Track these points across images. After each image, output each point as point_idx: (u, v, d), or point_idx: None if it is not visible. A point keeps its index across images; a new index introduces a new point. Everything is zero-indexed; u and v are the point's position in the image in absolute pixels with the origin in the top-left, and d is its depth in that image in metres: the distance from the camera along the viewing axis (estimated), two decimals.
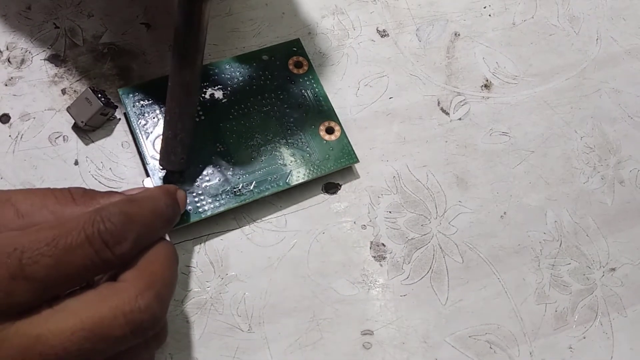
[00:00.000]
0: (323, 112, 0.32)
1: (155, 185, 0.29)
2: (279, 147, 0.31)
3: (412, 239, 0.30)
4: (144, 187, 0.28)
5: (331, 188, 0.31)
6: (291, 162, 0.30)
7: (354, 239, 0.30)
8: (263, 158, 0.30)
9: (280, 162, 0.30)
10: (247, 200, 0.29)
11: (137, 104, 0.30)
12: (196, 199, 0.29)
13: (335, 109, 0.32)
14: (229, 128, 0.31)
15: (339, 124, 0.32)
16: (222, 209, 0.29)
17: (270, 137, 0.31)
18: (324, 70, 0.34)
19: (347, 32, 0.35)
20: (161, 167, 0.28)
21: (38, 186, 0.30)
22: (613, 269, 0.31)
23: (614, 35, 0.37)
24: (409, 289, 0.29)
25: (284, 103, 0.32)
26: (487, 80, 0.35)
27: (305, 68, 0.33)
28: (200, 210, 0.29)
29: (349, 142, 0.31)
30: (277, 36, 0.35)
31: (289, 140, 0.31)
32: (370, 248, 0.30)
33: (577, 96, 0.35)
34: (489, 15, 0.37)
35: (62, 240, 0.20)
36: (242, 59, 0.33)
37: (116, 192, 0.25)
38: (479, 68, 0.35)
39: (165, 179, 0.29)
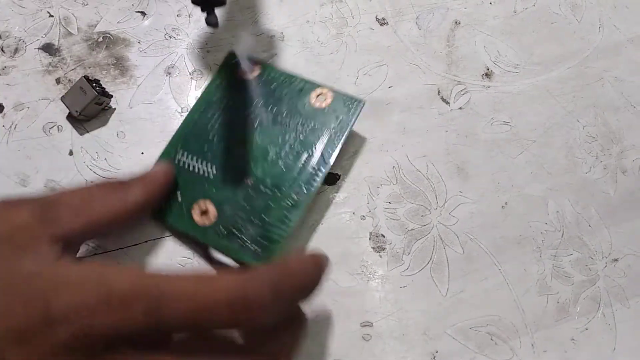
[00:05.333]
0: (303, 88, 0.31)
1: None
2: (295, 142, 0.30)
3: (412, 229, 0.30)
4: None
5: (330, 179, 0.31)
6: (314, 144, 0.30)
7: (353, 230, 0.30)
8: (290, 160, 0.29)
9: (309, 151, 0.29)
10: (307, 202, 0.28)
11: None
12: (267, 234, 0.28)
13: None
14: (242, 157, 0.30)
15: (323, 85, 0.31)
16: (290, 230, 0.28)
17: (280, 141, 0.30)
18: (322, 59, 0.33)
19: (345, 20, 0.35)
20: (199, 6, 0.28)
21: (32, 176, 0.29)
22: (615, 260, 0.30)
23: (616, 23, 0.36)
24: (408, 280, 0.29)
25: (265, 106, 0.31)
26: (488, 69, 0.34)
27: (258, 68, 0.32)
28: (275, 238, 0.28)
29: (344, 94, 0.31)
30: (275, 24, 0.34)
31: (298, 128, 0.30)
32: (370, 239, 0.30)
33: (580, 85, 0.34)
34: (490, 3, 0.36)
35: (203, 297, 0.20)
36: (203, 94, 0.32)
37: None
38: (479, 57, 0.35)
39: (208, 20, 0.28)
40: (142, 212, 0.27)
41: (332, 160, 0.29)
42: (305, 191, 0.29)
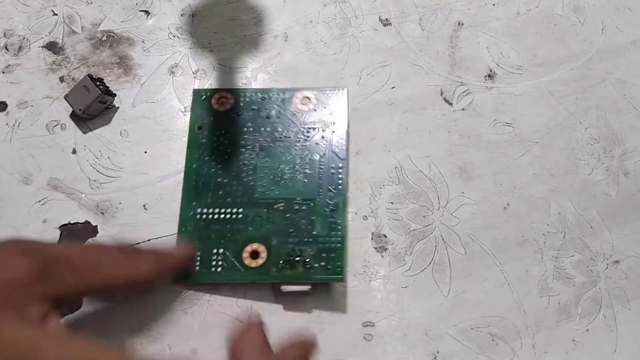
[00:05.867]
0: (283, 97, 0.31)
1: None
2: (303, 152, 0.30)
3: (414, 230, 0.30)
4: None
5: None
6: (322, 145, 0.30)
7: (355, 230, 0.30)
8: (307, 169, 0.29)
9: (320, 153, 0.30)
10: (345, 199, 0.29)
11: None
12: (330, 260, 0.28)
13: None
14: (261, 186, 0.29)
15: (301, 88, 0.31)
16: (344, 231, 0.28)
17: (288, 157, 0.30)
18: (325, 59, 0.33)
19: (349, 21, 0.35)
20: None
21: (35, 174, 0.29)
22: (617, 262, 0.30)
23: (619, 25, 0.36)
24: (410, 280, 0.29)
25: (258, 129, 0.30)
26: (490, 70, 0.34)
27: (231, 99, 0.31)
28: (334, 246, 0.28)
29: (324, 88, 0.31)
30: (278, 24, 0.34)
31: (299, 137, 0.30)
32: (372, 239, 0.30)
33: (582, 87, 0.34)
34: (493, 4, 0.36)
35: None
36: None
37: None
38: (482, 58, 0.35)
39: None
40: (148, 287, 0.27)
41: (345, 154, 0.29)
42: (336, 191, 0.29)
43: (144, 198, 0.29)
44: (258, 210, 0.28)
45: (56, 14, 0.33)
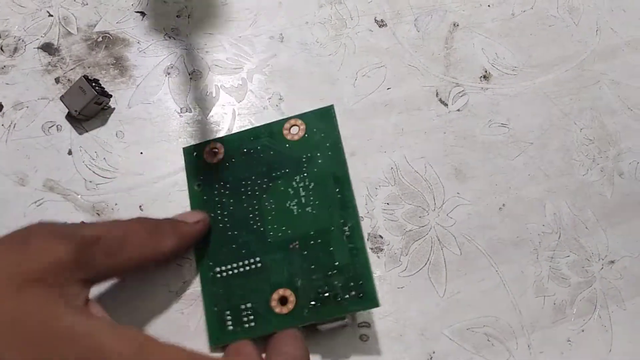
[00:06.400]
0: (271, 131, 0.30)
1: None
2: (305, 181, 0.28)
3: (409, 230, 0.30)
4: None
5: None
6: (322, 171, 0.28)
7: None
8: (313, 199, 0.28)
9: (322, 180, 0.28)
10: (358, 221, 0.27)
11: None
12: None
13: (332, 100, 0.32)
14: (272, 229, 0.28)
15: (287, 118, 0.30)
16: (366, 254, 0.27)
17: (291, 192, 0.28)
18: (320, 60, 0.34)
19: (344, 22, 0.35)
20: None
21: (31, 175, 0.29)
22: (612, 262, 0.31)
23: (613, 26, 0.37)
24: (406, 281, 0.29)
25: (255, 171, 0.29)
26: (486, 71, 0.34)
27: (222, 148, 0.30)
28: (361, 272, 0.26)
29: (311, 112, 0.29)
30: (274, 25, 0.34)
31: (298, 168, 0.29)
32: (368, 240, 0.30)
33: (577, 88, 0.34)
34: (488, 5, 0.36)
35: None
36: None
37: None
38: (477, 59, 0.35)
39: None
40: (170, 261, 0.28)
41: (347, 174, 0.28)
42: (348, 214, 0.27)
43: (140, 199, 0.29)
44: (275, 254, 0.27)
45: (52, 15, 0.33)
